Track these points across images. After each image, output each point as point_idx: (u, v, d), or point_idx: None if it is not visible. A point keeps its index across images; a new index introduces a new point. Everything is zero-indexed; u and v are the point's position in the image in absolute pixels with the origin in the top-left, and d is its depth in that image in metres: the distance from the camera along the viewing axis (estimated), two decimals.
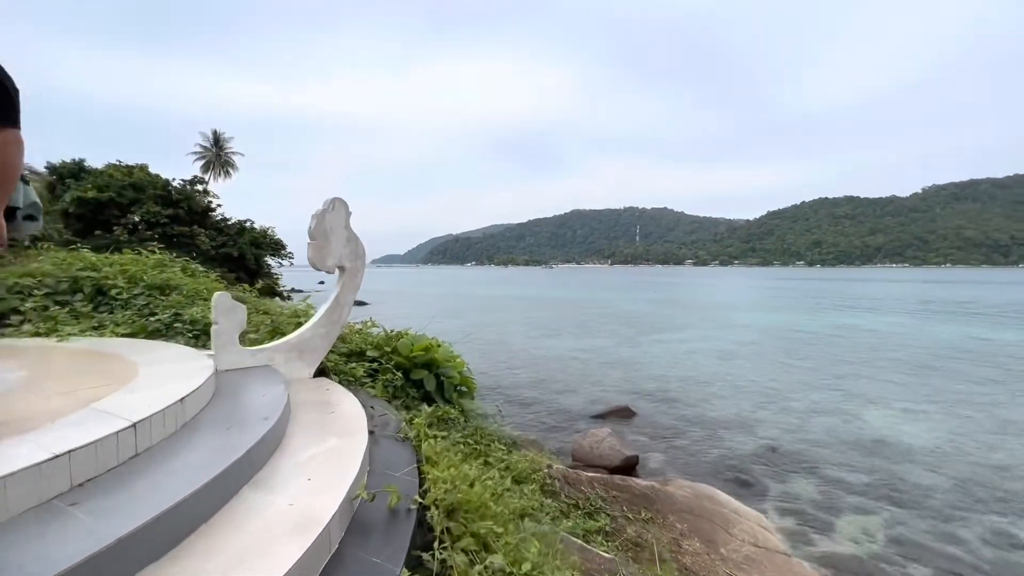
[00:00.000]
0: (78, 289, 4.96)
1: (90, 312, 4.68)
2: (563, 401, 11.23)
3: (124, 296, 4.96)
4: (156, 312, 4.79)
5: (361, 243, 4.22)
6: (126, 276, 5.26)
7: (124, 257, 5.88)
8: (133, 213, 17.79)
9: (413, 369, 4.87)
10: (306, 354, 4.00)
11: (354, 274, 4.23)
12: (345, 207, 4.04)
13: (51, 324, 4.30)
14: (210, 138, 39.70)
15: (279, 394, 3.01)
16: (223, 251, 19.91)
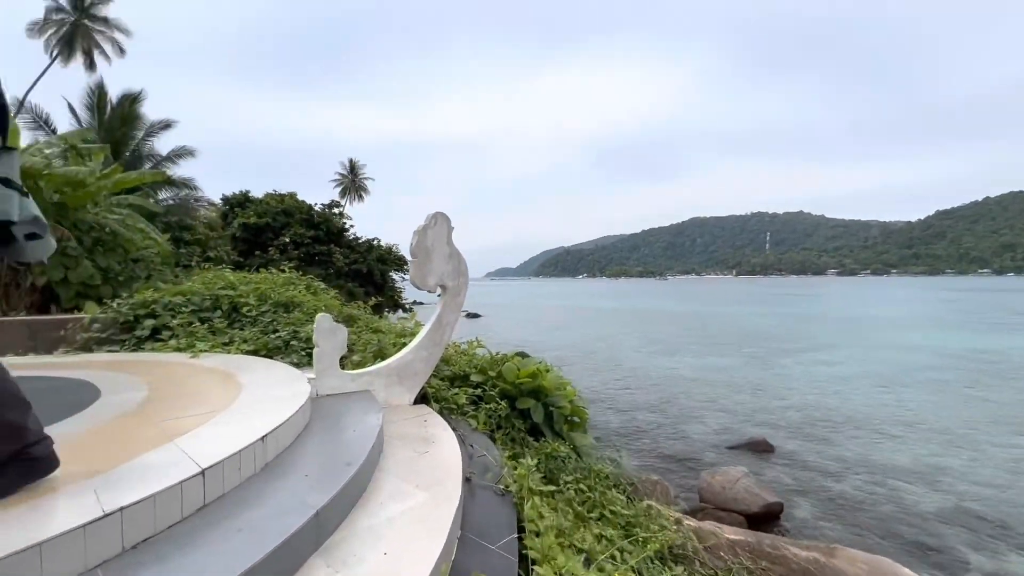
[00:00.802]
0: (218, 306, 5.36)
1: (225, 328, 5.00)
2: (686, 429, 10.03)
3: (253, 313, 5.25)
4: (278, 329, 4.97)
5: (464, 260, 3.90)
6: (257, 294, 5.60)
7: (258, 276, 6.35)
8: (284, 235, 20.20)
9: (519, 397, 4.42)
10: (406, 379, 3.75)
11: (456, 293, 3.92)
12: (447, 222, 3.75)
13: (190, 339, 4.63)
14: (347, 166, 44.40)
15: (370, 430, 2.73)
16: (354, 267, 21.76)
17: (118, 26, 25.93)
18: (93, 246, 7.45)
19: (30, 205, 1.48)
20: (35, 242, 1.50)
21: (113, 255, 7.65)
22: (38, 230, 1.48)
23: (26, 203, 1.46)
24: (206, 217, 19.17)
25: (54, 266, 6.82)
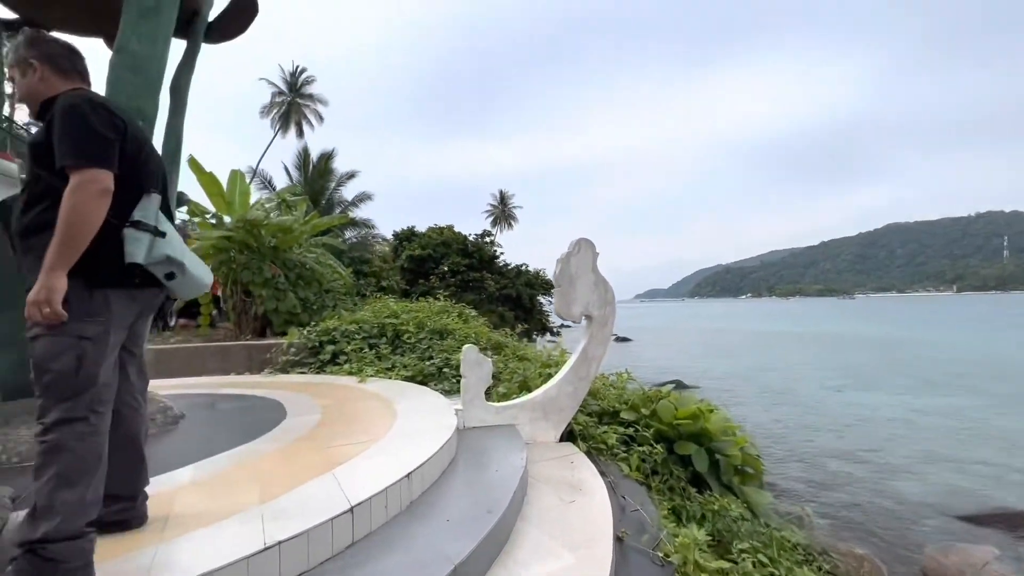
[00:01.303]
0: (384, 334, 5.89)
1: (388, 354, 5.44)
2: (897, 487, 7.99)
3: (412, 340, 5.63)
4: (433, 356, 5.23)
5: (610, 288, 3.61)
6: (416, 323, 6.02)
7: (417, 305, 6.87)
8: (443, 264, 22.10)
9: (678, 441, 3.91)
10: (552, 414, 3.56)
11: (603, 323, 3.64)
12: (591, 248, 3.53)
13: (360, 364, 5.12)
14: (497, 196, 47.37)
15: (513, 471, 2.59)
16: (504, 292, 22.73)
17: (319, 99, 31.90)
18: (296, 280, 8.92)
19: (163, 245, 1.46)
20: (173, 281, 1.50)
21: (310, 288, 9.05)
22: (174, 269, 1.48)
23: (160, 244, 1.46)
24: (380, 251, 22.00)
25: (269, 298, 8.29)
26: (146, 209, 1.46)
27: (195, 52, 3.21)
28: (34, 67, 1.53)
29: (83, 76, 1.61)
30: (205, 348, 5.76)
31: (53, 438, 1.30)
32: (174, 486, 2.08)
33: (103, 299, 1.43)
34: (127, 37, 2.50)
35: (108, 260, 1.40)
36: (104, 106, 1.45)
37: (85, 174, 1.33)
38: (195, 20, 3.14)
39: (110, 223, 1.40)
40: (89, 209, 1.32)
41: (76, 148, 1.35)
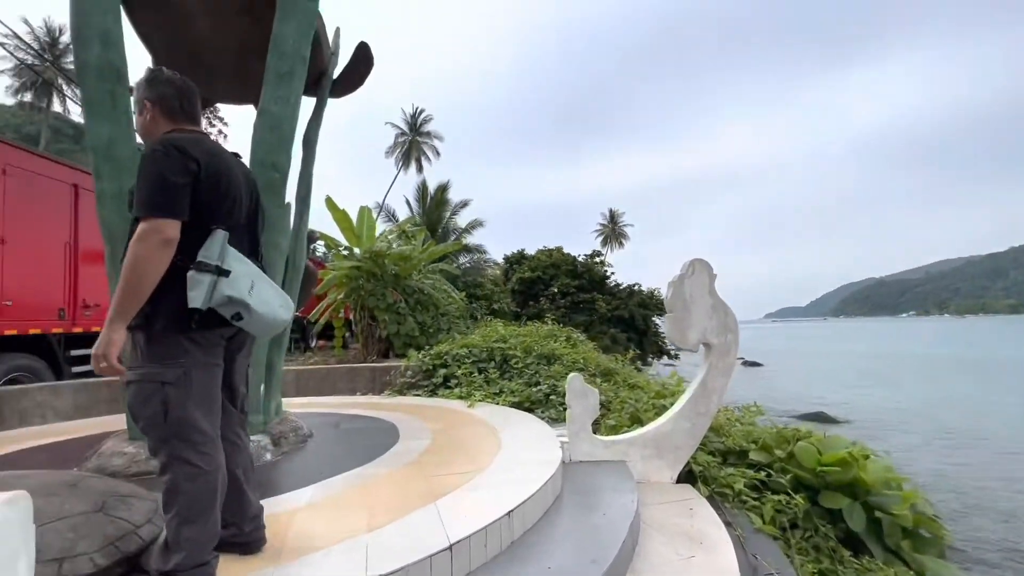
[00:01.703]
0: (492, 358, 5.97)
1: (497, 379, 5.48)
2: None
3: (520, 365, 5.62)
4: (540, 382, 5.16)
5: (731, 313, 3.24)
6: (524, 347, 6.01)
7: (525, 329, 6.88)
8: (553, 286, 22.18)
9: (824, 492, 3.32)
10: (666, 452, 3.25)
11: (724, 352, 3.26)
12: (707, 270, 3.20)
13: (470, 388, 5.22)
14: (607, 215, 46.64)
15: (623, 515, 2.37)
16: (616, 313, 22.05)
17: (436, 135, 34.52)
18: (415, 305, 9.53)
19: (226, 286, 1.40)
20: (241, 321, 1.46)
21: (427, 312, 9.60)
22: (239, 310, 1.43)
23: (222, 284, 1.40)
24: (492, 275, 22.78)
25: (391, 322, 8.95)
26: (209, 248, 1.42)
27: (322, 107, 3.61)
28: (147, 107, 1.61)
29: (190, 117, 1.66)
30: (336, 370, 6.34)
31: (168, 479, 1.43)
32: (294, 507, 2.22)
33: (177, 342, 1.43)
34: (266, 100, 2.88)
35: (177, 303, 1.40)
36: (180, 149, 1.45)
37: (150, 224, 1.35)
38: (322, 79, 3.54)
39: (176, 265, 1.40)
40: (151, 259, 1.34)
41: (146, 197, 1.38)
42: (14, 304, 5.25)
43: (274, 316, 1.53)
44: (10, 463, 3.09)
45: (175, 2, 2.88)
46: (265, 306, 1.49)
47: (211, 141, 1.64)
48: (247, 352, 1.74)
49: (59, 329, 5.82)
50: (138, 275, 1.33)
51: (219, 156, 1.57)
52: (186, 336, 1.44)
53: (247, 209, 1.66)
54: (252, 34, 3.08)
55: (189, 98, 1.66)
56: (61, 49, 29.31)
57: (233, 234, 1.53)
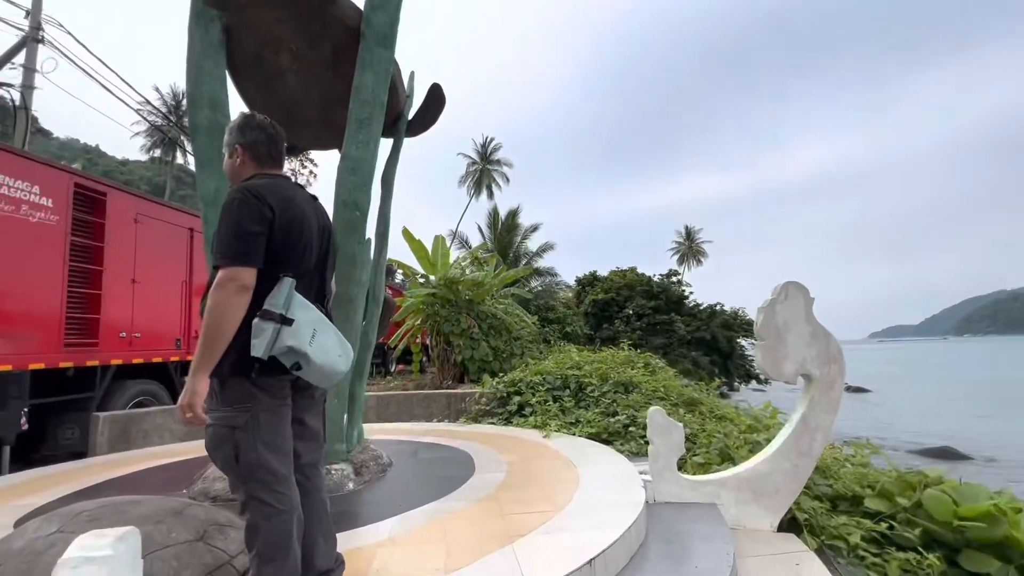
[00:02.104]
0: (567, 385, 5.83)
1: (572, 407, 5.33)
2: None
3: (596, 394, 5.44)
4: (617, 412, 4.95)
5: (834, 340, 2.91)
6: (599, 374, 5.82)
7: (600, 355, 6.67)
8: (627, 307, 21.54)
9: (965, 551, 2.82)
10: (764, 496, 2.94)
11: (828, 385, 2.92)
12: (803, 294, 2.91)
13: (545, 417, 5.11)
14: (683, 233, 44.88)
15: (718, 569, 2.14)
16: (697, 335, 20.91)
17: (505, 163, 35.40)
18: (488, 330, 9.64)
19: (287, 336, 1.43)
20: (300, 371, 1.47)
21: (500, 337, 9.66)
22: (298, 360, 1.45)
23: (284, 333, 1.42)
24: (564, 298, 22.59)
25: (465, 347, 9.09)
26: (276, 296, 1.46)
27: (399, 147, 3.80)
28: (237, 152, 1.68)
29: (276, 161, 1.72)
30: (414, 396, 6.50)
31: (248, 518, 1.49)
32: (375, 541, 2.24)
33: (244, 387, 1.47)
34: (348, 145, 3.07)
35: (243, 349, 1.43)
36: (258, 196, 1.50)
37: (227, 272, 1.40)
38: (398, 121, 3.73)
39: (248, 314, 1.44)
40: (228, 307, 1.38)
41: (224, 246, 1.44)
42: (142, 336, 5.96)
43: (333, 367, 1.53)
44: (133, 482, 3.44)
45: (271, 64, 3.19)
46: (324, 356, 1.50)
47: (289, 185, 1.69)
48: (312, 392, 1.73)
49: (176, 357, 6.52)
50: (217, 323, 1.39)
51: (294, 202, 1.61)
52: (251, 381, 1.47)
53: (318, 254, 1.68)
54: (335, 86, 3.32)
55: (276, 144, 1.72)
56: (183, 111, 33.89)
57: (301, 280, 1.56)
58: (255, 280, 1.44)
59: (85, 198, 5.32)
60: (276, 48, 3.15)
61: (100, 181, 5.63)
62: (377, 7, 3.16)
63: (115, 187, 5.79)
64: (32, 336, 4.73)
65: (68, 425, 5.19)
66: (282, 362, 1.45)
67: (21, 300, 4.65)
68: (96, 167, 50.54)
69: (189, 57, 3.08)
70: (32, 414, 4.71)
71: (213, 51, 3.07)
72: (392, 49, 3.22)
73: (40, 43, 9.06)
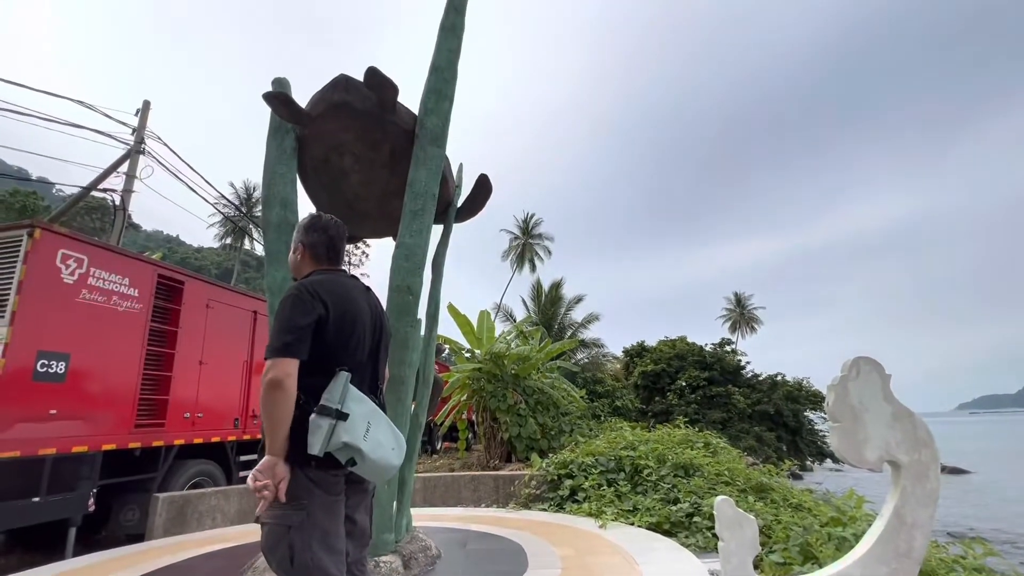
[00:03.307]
0: (621, 468, 5.51)
1: (628, 492, 4.99)
2: None
3: (653, 478, 5.09)
4: (679, 498, 4.59)
5: (922, 423, 2.63)
6: (655, 455, 5.48)
7: (656, 435, 6.31)
8: (679, 379, 20.59)
9: None
10: None
11: (921, 474, 2.61)
12: (878, 370, 2.70)
13: (599, 504, 4.79)
14: (732, 300, 43.43)
15: None
16: (758, 408, 19.54)
17: (547, 237, 36.30)
18: (535, 406, 9.40)
19: (342, 432, 1.46)
20: (355, 467, 1.49)
21: (547, 413, 9.38)
22: (353, 456, 1.47)
23: (340, 429, 1.46)
24: (612, 370, 21.94)
25: (512, 424, 8.85)
26: (332, 391, 1.50)
27: (449, 232, 4.00)
28: (299, 249, 1.81)
29: (334, 261, 1.82)
30: (460, 478, 6.30)
31: None
32: None
33: (301, 482, 1.48)
34: (403, 234, 3.27)
35: (301, 445, 1.46)
36: (312, 292, 1.58)
37: (271, 364, 1.47)
38: (448, 209, 3.97)
39: (301, 407, 1.49)
40: (272, 396, 1.44)
41: (273, 339, 1.52)
42: (204, 416, 6.21)
43: (386, 461, 1.55)
44: (187, 570, 3.43)
45: (335, 166, 3.53)
46: (378, 450, 1.53)
47: (344, 280, 1.76)
48: (364, 487, 1.73)
49: (233, 437, 6.70)
50: (268, 411, 1.45)
51: (348, 296, 1.69)
52: (308, 477, 1.49)
53: (370, 345, 1.73)
54: (391, 181, 3.61)
55: (336, 245, 1.83)
56: (254, 201, 37.49)
57: (355, 372, 1.61)
58: (296, 371, 1.48)
59: (166, 287, 5.83)
60: (340, 152, 3.49)
61: (179, 271, 6.17)
62: (430, 112, 3.48)
63: (192, 276, 6.32)
64: (107, 417, 5.01)
65: (130, 506, 5.32)
66: (337, 458, 1.47)
67: (102, 383, 4.99)
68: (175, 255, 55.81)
69: (266, 163, 3.46)
70: (98, 494, 4.89)
71: (287, 158, 3.44)
72: (443, 147, 3.49)
73: (141, 154, 10.45)
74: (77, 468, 4.68)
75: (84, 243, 4.91)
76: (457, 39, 3.67)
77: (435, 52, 3.59)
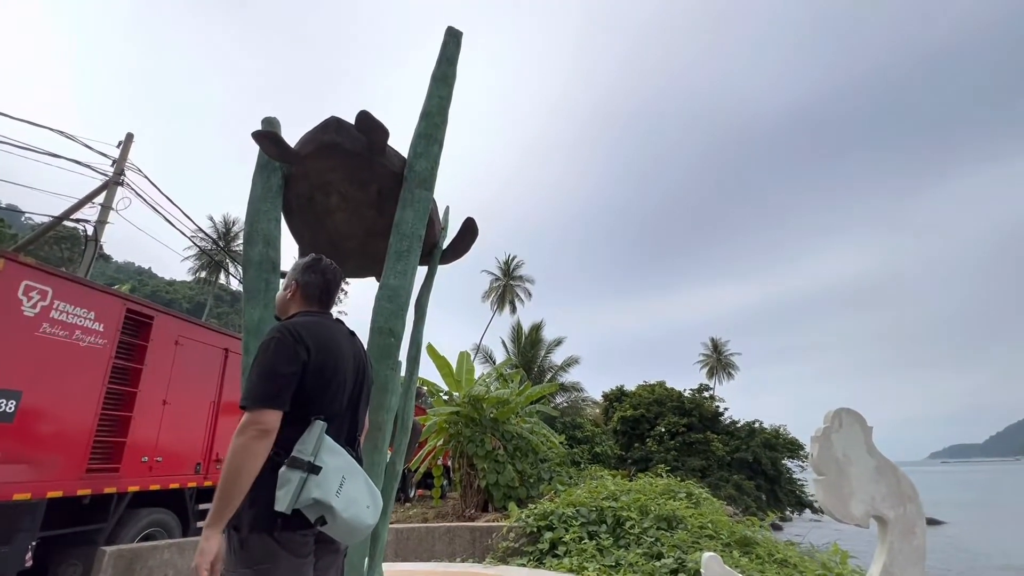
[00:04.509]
0: (603, 520, 5.33)
1: (610, 546, 4.82)
2: None
3: (636, 530, 4.94)
4: (663, 553, 4.44)
5: (906, 477, 2.64)
6: (638, 506, 5.34)
7: (637, 484, 6.18)
8: (659, 424, 20.43)
9: None
10: None
11: (908, 530, 2.58)
12: (859, 422, 2.72)
13: (581, 559, 4.59)
14: (709, 345, 43.97)
15: None
16: (737, 456, 19.44)
17: (527, 279, 36.59)
18: (514, 452, 9.14)
19: (313, 487, 1.34)
20: (324, 526, 1.37)
21: (526, 459, 9.12)
22: (323, 514, 1.35)
23: (311, 484, 1.34)
24: (591, 414, 21.68)
25: (490, 471, 8.56)
26: (306, 441, 1.40)
27: (433, 274, 3.97)
28: (292, 287, 1.75)
29: (324, 304, 1.76)
30: (435, 530, 5.99)
31: None
32: None
33: (265, 545, 1.35)
34: (387, 275, 3.23)
35: (266, 500, 1.34)
36: (296, 335, 1.49)
37: (251, 415, 1.35)
38: (434, 251, 3.95)
39: (271, 459, 1.37)
40: (247, 452, 1.32)
41: (251, 387, 1.40)
42: (163, 460, 5.83)
43: (360, 520, 1.43)
44: None
45: (320, 204, 3.51)
46: (351, 508, 1.41)
47: (330, 324, 1.70)
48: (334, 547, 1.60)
49: (193, 483, 6.28)
50: (235, 471, 1.31)
51: (332, 341, 1.60)
52: (274, 538, 1.36)
53: (351, 393, 1.65)
54: (377, 221, 3.60)
55: (330, 289, 1.78)
56: (232, 235, 37.01)
57: (332, 422, 1.51)
58: (279, 423, 1.39)
59: (134, 322, 5.58)
60: (327, 191, 3.48)
61: (149, 305, 5.92)
62: (420, 155, 3.53)
63: (162, 311, 6.07)
64: (56, 461, 4.64)
65: (72, 561, 4.88)
66: (307, 515, 1.36)
67: (54, 423, 4.65)
68: (146, 287, 54.21)
69: (251, 199, 3.42)
70: (37, 547, 4.47)
71: (272, 195, 3.41)
72: (431, 190, 3.52)
73: (120, 185, 10.30)
74: (16, 518, 4.28)
75: (49, 274, 4.71)
76: (448, 87, 3.78)
77: (426, 99, 3.68)
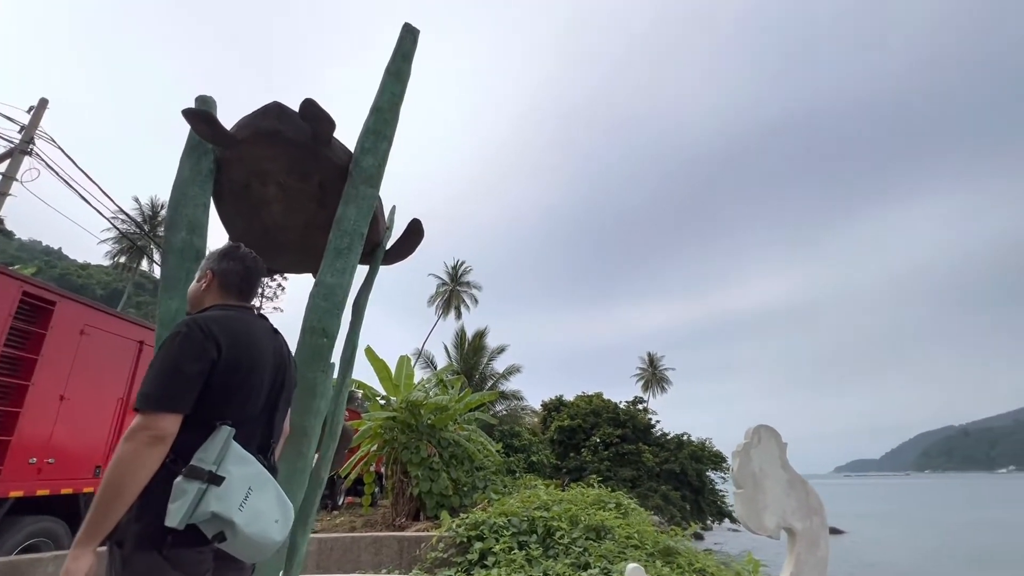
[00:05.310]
0: (534, 530, 5.34)
1: (539, 556, 4.82)
2: None
3: (565, 540, 4.98)
4: (590, 563, 4.49)
5: (814, 491, 2.82)
6: (568, 516, 5.39)
7: (570, 494, 6.25)
8: (594, 435, 20.88)
9: None
10: None
11: (813, 543, 2.75)
12: (775, 438, 2.88)
13: (509, 570, 4.56)
14: (646, 359, 45.63)
15: None
16: (666, 467, 20.19)
17: (475, 285, 36.49)
18: (449, 459, 8.99)
19: (212, 500, 1.19)
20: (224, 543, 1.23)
21: (461, 467, 9.01)
22: (223, 529, 1.21)
23: (209, 496, 1.20)
24: (530, 423, 21.81)
25: (424, 479, 8.37)
26: (208, 449, 1.26)
27: (374, 275, 3.84)
28: (207, 277, 1.60)
29: (244, 296, 1.62)
30: (361, 539, 5.76)
31: None
32: None
33: (152, 563, 1.20)
34: (324, 272, 3.08)
35: (156, 513, 1.19)
36: (205, 329, 1.35)
37: (144, 418, 1.21)
38: (376, 250, 3.83)
39: (166, 465, 1.23)
40: (135, 460, 1.17)
41: (148, 384, 1.26)
42: (56, 462, 5.23)
43: (265, 537, 1.27)
44: None
45: (256, 194, 3.31)
46: (255, 523, 1.25)
47: (249, 318, 1.56)
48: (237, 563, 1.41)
49: (90, 488, 5.67)
50: (118, 480, 1.15)
51: (249, 337, 1.47)
52: (162, 556, 1.20)
53: (267, 396, 1.50)
54: (318, 214, 3.43)
55: (249, 279, 1.64)
56: (159, 220, 34.39)
57: (243, 427, 1.37)
58: (176, 429, 1.24)
59: (30, 307, 5.02)
60: (264, 180, 3.29)
61: (50, 289, 5.34)
62: (367, 151, 3.41)
63: (66, 296, 5.49)
64: None
65: None
66: (203, 531, 1.21)
67: None
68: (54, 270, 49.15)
69: (176, 183, 3.17)
70: None
71: (201, 179, 3.17)
72: (377, 188, 3.41)
73: (27, 155, 9.30)
74: None
75: None
76: (402, 84, 3.68)
77: (378, 94, 3.57)
